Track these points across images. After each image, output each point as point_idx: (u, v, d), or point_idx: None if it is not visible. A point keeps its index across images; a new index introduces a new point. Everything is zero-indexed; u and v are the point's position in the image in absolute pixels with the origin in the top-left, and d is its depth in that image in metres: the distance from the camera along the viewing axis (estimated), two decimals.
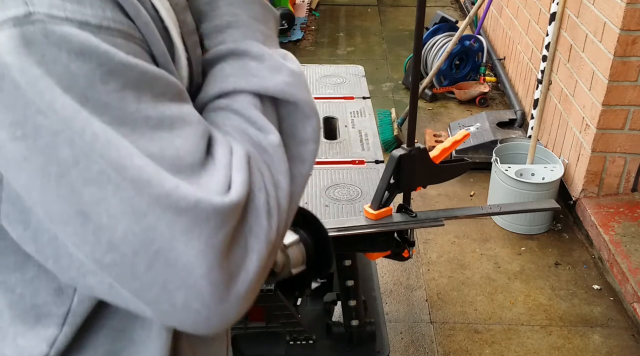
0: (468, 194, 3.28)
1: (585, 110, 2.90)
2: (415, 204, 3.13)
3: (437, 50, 4.15)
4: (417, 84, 1.60)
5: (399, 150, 1.38)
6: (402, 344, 2.39)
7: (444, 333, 2.43)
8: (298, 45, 5.25)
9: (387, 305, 2.56)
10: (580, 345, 2.38)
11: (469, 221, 3.04)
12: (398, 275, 2.73)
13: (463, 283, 2.68)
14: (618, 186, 2.94)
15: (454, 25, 4.32)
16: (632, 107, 2.74)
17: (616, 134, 2.80)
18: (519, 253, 2.86)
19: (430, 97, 4.20)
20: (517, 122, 3.62)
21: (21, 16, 0.50)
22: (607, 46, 2.68)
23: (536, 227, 2.97)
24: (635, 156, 2.85)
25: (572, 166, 3.05)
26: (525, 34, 3.89)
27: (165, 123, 0.54)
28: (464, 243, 2.92)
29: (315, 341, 1.81)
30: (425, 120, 3.99)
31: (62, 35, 0.50)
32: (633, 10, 2.53)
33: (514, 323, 2.48)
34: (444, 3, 6.25)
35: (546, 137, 3.38)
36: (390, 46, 5.29)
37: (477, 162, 3.29)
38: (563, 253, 2.86)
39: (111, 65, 0.52)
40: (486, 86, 4.15)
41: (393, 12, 6.19)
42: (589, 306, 2.56)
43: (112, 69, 0.52)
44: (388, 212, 1.42)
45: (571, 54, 3.07)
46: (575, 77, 3.01)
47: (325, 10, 6.20)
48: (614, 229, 2.73)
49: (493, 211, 1.74)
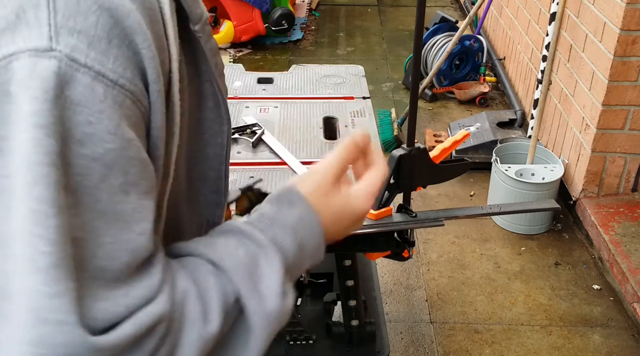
0: (468, 194, 3.28)
1: (585, 110, 2.90)
2: (415, 204, 3.13)
3: (437, 50, 4.15)
4: (417, 84, 1.60)
5: (399, 150, 1.38)
6: (402, 344, 2.39)
7: (444, 333, 2.43)
8: (298, 45, 5.25)
9: (387, 305, 2.56)
10: (580, 345, 2.38)
11: (469, 221, 3.04)
12: (398, 275, 2.73)
13: (463, 283, 2.68)
14: (618, 186, 2.94)
15: (454, 25, 4.32)
16: (632, 107, 2.74)
17: (616, 134, 2.80)
18: (519, 253, 2.86)
19: (430, 97, 4.20)
20: (517, 122, 3.62)
21: (41, 49, 0.49)
22: (607, 46, 2.68)
23: (536, 227, 2.97)
24: (635, 156, 2.85)
25: (572, 166, 3.05)
26: (525, 34, 3.89)
27: (118, 219, 0.51)
28: (464, 243, 2.92)
29: (315, 341, 1.81)
30: (425, 120, 3.99)
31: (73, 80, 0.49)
32: (633, 10, 2.53)
33: (514, 323, 2.48)
34: (444, 3, 6.25)
35: (546, 137, 3.38)
36: (390, 46, 5.29)
37: (477, 162, 3.29)
38: (563, 253, 2.86)
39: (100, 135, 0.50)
40: (486, 86, 4.15)
41: (393, 12, 6.19)
42: (589, 306, 2.56)
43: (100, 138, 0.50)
44: (388, 212, 1.42)
45: (571, 54, 3.07)
46: (575, 77, 3.01)
47: (325, 10, 6.20)
48: (614, 229, 2.73)
49: (493, 211, 1.74)
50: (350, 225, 0.71)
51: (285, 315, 0.62)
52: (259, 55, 5.05)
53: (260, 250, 0.62)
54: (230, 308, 0.59)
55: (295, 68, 2.39)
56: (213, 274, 0.59)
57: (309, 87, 2.25)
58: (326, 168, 0.69)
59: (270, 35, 5.17)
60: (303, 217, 0.65)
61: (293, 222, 0.65)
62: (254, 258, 0.61)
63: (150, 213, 0.54)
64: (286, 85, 2.26)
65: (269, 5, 4.97)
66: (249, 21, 4.93)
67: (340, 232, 0.71)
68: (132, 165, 0.52)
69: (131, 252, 0.52)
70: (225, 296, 0.58)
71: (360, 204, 0.71)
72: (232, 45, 5.09)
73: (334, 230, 0.69)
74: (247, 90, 2.23)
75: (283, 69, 3.59)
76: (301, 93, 2.20)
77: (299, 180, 0.68)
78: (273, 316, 0.60)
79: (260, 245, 0.62)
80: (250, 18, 4.93)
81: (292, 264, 0.64)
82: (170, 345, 0.54)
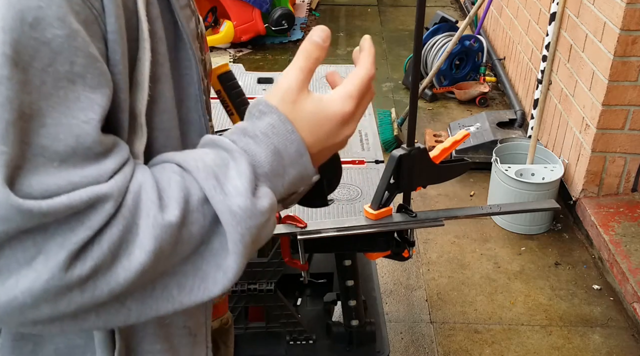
0: (468, 194, 3.28)
1: (585, 110, 2.90)
2: (415, 204, 3.13)
3: (437, 50, 4.15)
4: (417, 84, 1.60)
5: (399, 150, 1.38)
6: (402, 344, 2.39)
7: (444, 333, 2.43)
8: (298, 45, 5.23)
9: (387, 305, 2.56)
10: (580, 345, 2.38)
11: (469, 221, 3.04)
12: (398, 275, 2.73)
13: (463, 283, 2.68)
14: (618, 186, 2.94)
15: (454, 25, 4.32)
16: (632, 107, 2.74)
17: (616, 134, 2.80)
18: (519, 253, 2.86)
19: (430, 97, 4.20)
20: (517, 122, 3.62)
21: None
22: (607, 46, 2.68)
23: (536, 227, 2.97)
24: (635, 156, 2.85)
25: (572, 166, 3.05)
26: (525, 34, 3.89)
27: (61, 104, 0.54)
28: (464, 243, 2.92)
29: (315, 341, 1.81)
30: (425, 120, 3.99)
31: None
32: (633, 10, 2.53)
33: (514, 323, 2.48)
34: (444, 3, 6.25)
35: (546, 137, 3.38)
36: (390, 46, 5.29)
37: (477, 162, 3.29)
38: (563, 253, 2.86)
39: (49, 20, 0.53)
40: (486, 86, 4.15)
41: (393, 12, 6.19)
42: (589, 306, 2.56)
43: (48, 23, 0.53)
44: (388, 212, 1.42)
45: (571, 54, 3.07)
46: (575, 77, 3.01)
47: (325, 10, 6.20)
48: (614, 229, 2.73)
49: (493, 211, 1.74)
50: (334, 131, 0.68)
51: (261, 216, 0.61)
52: (259, 55, 5.05)
53: (229, 154, 0.62)
54: (196, 206, 0.59)
55: None
56: (176, 173, 0.61)
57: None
58: (289, 76, 0.68)
59: (270, 35, 5.17)
60: (274, 124, 0.64)
61: (263, 129, 0.64)
62: (222, 162, 0.62)
63: (97, 107, 0.56)
64: None
65: (269, 5, 4.97)
66: (249, 21, 4.93)
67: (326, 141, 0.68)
68: (77, 55, 0.54)
69: (76, 137, 0.54)
70: (188, 192, 0.59)
71: (338, 106, 0.67)
72: (232, 45, 5.09)
73: (316, 138, 0.67)
74: (247, 90, 2.22)
75: (283, 69, 3.59)
76: None
77: (267, 94, 0.68)
78: (241, 214, 0.59)
79: (228, 150, 0.62)
80: (250, 18, 4.93)
81: (269, 170, 0.63)
82: (124, 226, 0.55)
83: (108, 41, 0.58)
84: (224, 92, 0.96)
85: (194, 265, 0.61)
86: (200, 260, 0.61)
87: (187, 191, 0.59)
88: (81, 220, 0.54)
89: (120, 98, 0.60)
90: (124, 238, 0.55)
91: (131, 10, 0.61)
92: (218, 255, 0.60)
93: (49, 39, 0.53)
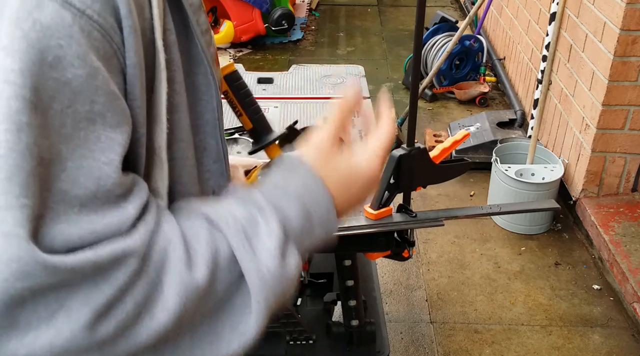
0: (468, 194, 3.28)
1: (585, 110, 2.90)
2: (415, 204, 3.13)
3: (437, 50, 4.15)
4: (417, 84, 1.60)
5: (399, 150, 1.38)
6: (402, 344, 2.39)
7: (444, 333, 2.43)
8: (298, 45, 5.25)
9: (387, 305, 2.56)
10: (580, 345, 2.38)
11: (469, 221, 3.04)
12: (398, 275, 2.73)
13: (463, 283, 2.68)
14: (618, 186, 2.94)
15: (454, 25, 4.32)
16: (632, 107, 2.74)
17: (616, 134, 2.80)
18: (519, 253, 2.86)
19: (430, 97, 4.20)
20: (517, 122, 3.62)
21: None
22: (607, 46, 2.68)
23: (536, 227, 2.97)
24: (635, 156, 2.85)
25: (572, 166, 3.05)
26: (525, 34, 3.89)
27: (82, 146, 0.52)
28: (464, 243, 2.92)
29: (315, 341, 1.81)
30: (425, 120, 3.99)
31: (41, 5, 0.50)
32: (633, 10, 2.53)
33: (514, 323, 2.48)
34: (444, 3, 6.25)
35: (546, 137, 3.38)
36: (390, 46, 5.29)
37: (477, 162, 3.29)
38: (563, 253, 2.86)
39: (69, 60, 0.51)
40: (486, 86, 4.15)
41: (393, 12, 6.19)
42: (589, 306, 2.56)
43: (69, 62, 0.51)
44: (388, 212, 1.42)
45: (571, 54, 3.07)
46: (575, 77, 3.01)
47: (325, 10, 6.20)
48: (614, 229, 2.73)
49: (493, 211, 1.74)
50: (362, 192, 0.69)
51: (288, 280, 0.60)
52: (259, 55, 5.05)
53: (259, 211, 0.61)
54: (223, 265, 0.58)
55: (295, 68, 2.39)
56: (205, 228, 0.59)
57: (309, 87, 2.24)
58: (322, 134, 0.68)
59: (270, 35, 5.17)
60: (307, 182, 0.64)
61: (296, 187, 0.63)
62: (252, 218, 0.60)
63: (117, 147, 0.54)
64: (286, 85, 2.26)
65: (269, 5, 4.97)
66: (249, 21, 4.93)
67: (353, 200, 0.68)
68: (98, 94, 0.52)
69: (96, 180, 0.52)
70: (216, 250, 0.57)
71: (368, 166, 0.69)
72: (232, 45, 5.09)
73: (345, 197, 0.67)
74: None
75: (283, 69, 3.59)
76: (301, 94, 2.20)
77: (299, 150, 0.68)
78: (269, 276, 0.58)
79: (259, 206, 0.61)
80: (250, 18, 4.93)
81: (299, 230, 0.62)
82: (149, 284, 0.53)
83: (127, 75, 0.56)
84: (232, 93, 0.94)
85: (211, 322, 0.59)
86: (220, 316, 0.59)
87: (216, 248, 0.58)
88: (105, 277, 0.51)
89: (139, 133, 0.58)
90: (148, 296, 0.53)
91: (148, 38, 0.59)
92: (239, 313, 0.59)
93: (70, 79, 0.50)
